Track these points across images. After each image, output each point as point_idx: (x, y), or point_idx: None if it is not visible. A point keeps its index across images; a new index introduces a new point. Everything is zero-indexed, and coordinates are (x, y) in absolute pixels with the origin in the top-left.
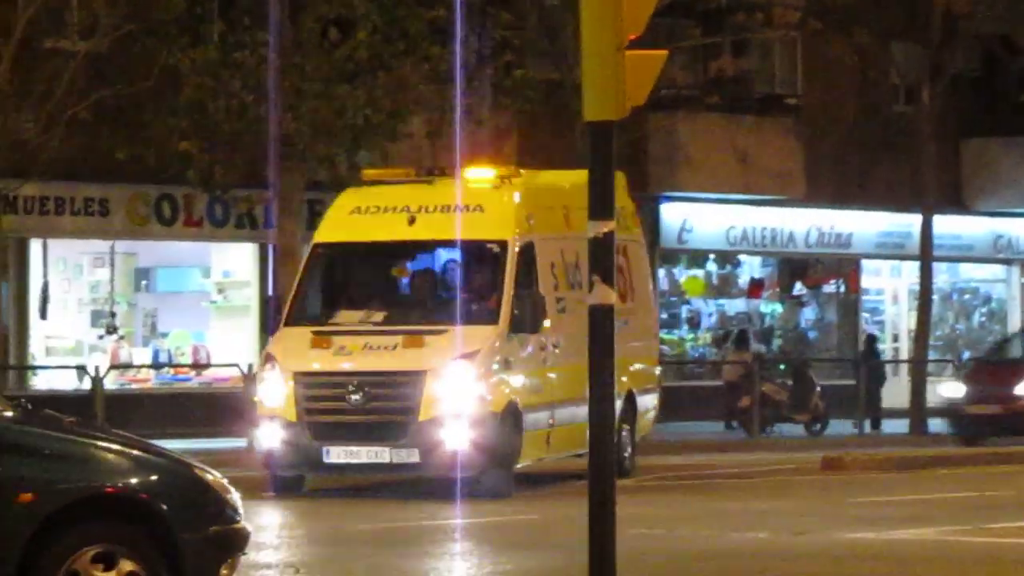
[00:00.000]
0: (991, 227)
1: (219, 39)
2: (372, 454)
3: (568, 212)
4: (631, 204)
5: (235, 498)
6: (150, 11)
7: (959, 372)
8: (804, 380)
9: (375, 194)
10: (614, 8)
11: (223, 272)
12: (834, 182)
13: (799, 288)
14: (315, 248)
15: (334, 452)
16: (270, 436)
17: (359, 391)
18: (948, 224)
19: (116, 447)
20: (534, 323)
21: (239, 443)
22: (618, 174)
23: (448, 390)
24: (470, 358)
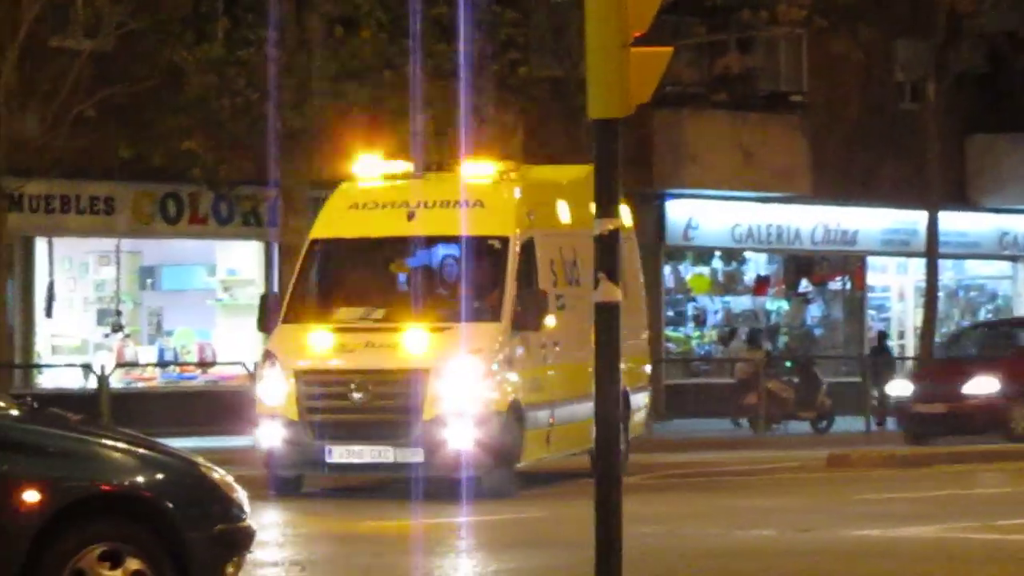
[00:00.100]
0: (997, 224)
1: (224, 37)
2: (375, 453)
3: (566, 208)
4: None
5: (241, 496)
6: (155, 9)
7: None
8: (810, 377)
9: (372, 189)
10: (619, 5)
11: (228, 270)
12: (840, 179)
13: (805, 285)
14: (312, 244)
15: (337, 452)
16: (271, 435)
17: (362, 389)
18: (954, 221)
19: (122, 445)
20: (537, 321)
21: (245, 441)
22: None
23: (453, 389)
24: (474, 356)
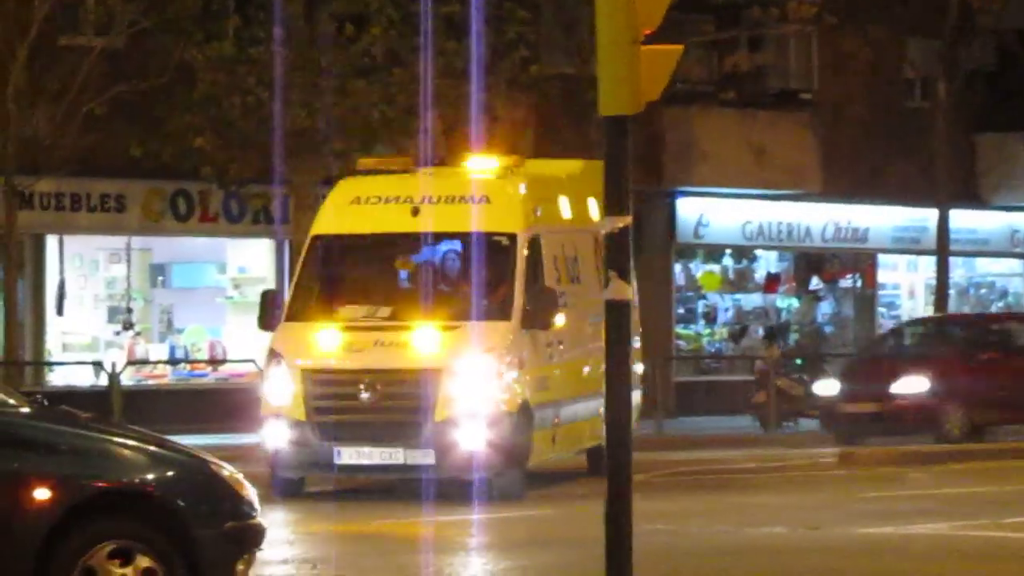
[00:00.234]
0: (1007, 221)
1: (234, 35)
2: (386, 455)
3: (567, 203)
4: None
5: (251, 494)
6: (165, 7)
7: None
8: (820, 375)
9: (374, 184)
10: (629, 3)
11: (239, 268)
12: (850, 177)
13: (815, 283)
14: (314, 240)
15: (346, 453)
16: (277, 436)
17: (371, 389)
18: (964, 219)
19: (132, 443)
20: (546, 319)
21: (255, 439)
22: (597, 164)
23: (465, 389)
24: (487, 356)
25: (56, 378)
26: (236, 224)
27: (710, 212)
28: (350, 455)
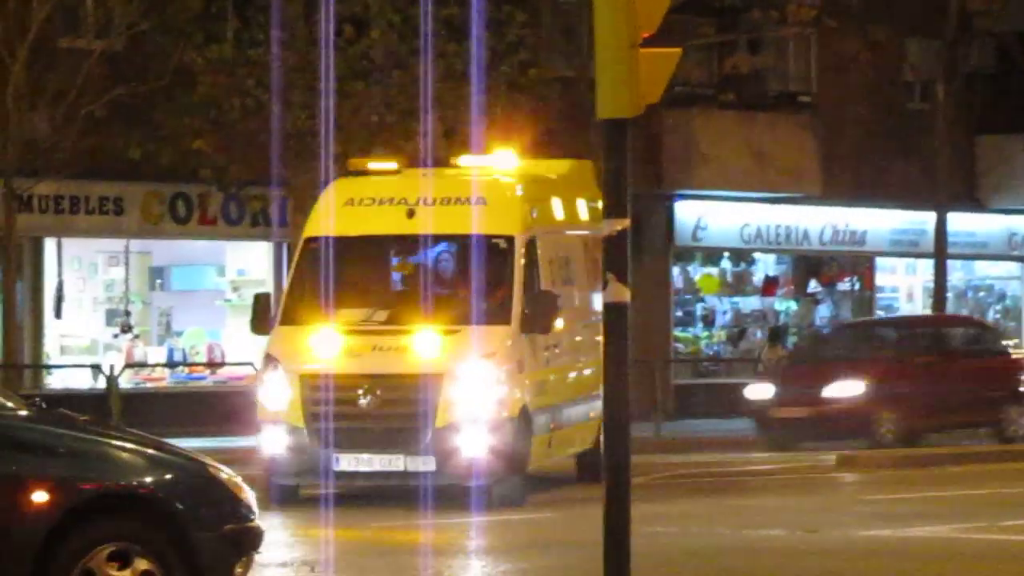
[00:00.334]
0: (1006, 224)
1: (234, 37)
2: (386, 462)
3: (560, 204)
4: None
5: (249, 497)
6: (165, 9)
7: None
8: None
9: (368, 185)
10: (628, 6)
11: (238, 270)
12: (849, 179)
13: (814, 286)
14: (307, 242)
15: (344, 460)
16: (274, 442)
17: (372, 394)
18: (963, 221)
19: (130, 446)
20: (546, 323)
21: (253, 442)
22: (584, 163)
23: (466, 394)
24: (488, 360)
25: (54, 381)
26: (235, 227)
27: (709, 215)
28: (349, 462)
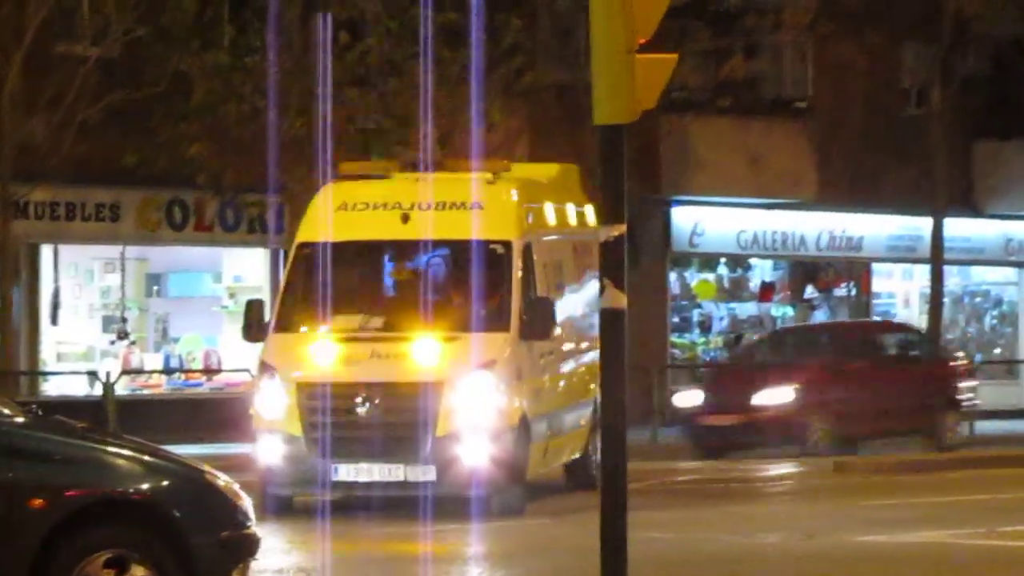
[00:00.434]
0: (1002, 230)
1: (229, 43)
2: (385, 472)
3: (552, 209)
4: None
5: (246, 503)
6: (161, 16)
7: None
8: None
9: (361, 190)
10: (624, 11)
11: (234, 277)
12: (845, 185)
13: (810, 291)
14: (300, 248)
15: (343, 470)
16: (270, 451)
17: (370, 402)
18: (959, 227)
19: (127, 452)
20: (544, 329)
21: (250, 449)
22: (570, 167)
23: (467, 402)
24: (489, 368)
25: (51, 388)
26: (232, 233)
27: (705, 220)
28: (348, 472)
